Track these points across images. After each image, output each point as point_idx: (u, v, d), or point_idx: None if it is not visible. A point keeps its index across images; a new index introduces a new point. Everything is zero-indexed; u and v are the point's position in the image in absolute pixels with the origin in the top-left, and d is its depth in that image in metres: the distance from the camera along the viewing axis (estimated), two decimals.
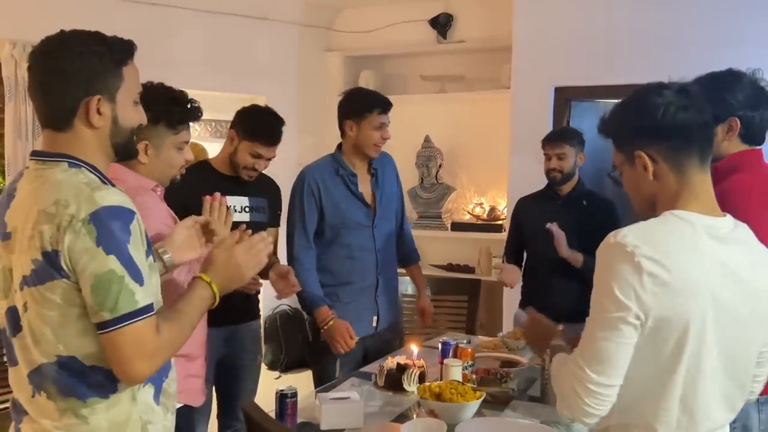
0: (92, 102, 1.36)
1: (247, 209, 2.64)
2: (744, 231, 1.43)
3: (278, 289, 2.51)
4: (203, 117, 2.51)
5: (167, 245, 1.71)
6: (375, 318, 2.81)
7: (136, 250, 1.33)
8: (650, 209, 1.46)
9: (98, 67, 1.36)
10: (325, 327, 2.63)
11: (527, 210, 3.30)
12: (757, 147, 1.91)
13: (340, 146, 2.84)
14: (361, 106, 2.70)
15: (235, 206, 1.96)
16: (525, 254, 3.30)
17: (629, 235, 1.32)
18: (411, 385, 2.25)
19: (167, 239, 1.73)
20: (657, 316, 1.28)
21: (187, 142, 1.98)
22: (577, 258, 2.99)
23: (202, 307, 1.48)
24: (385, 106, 2.72)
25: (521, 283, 3.22)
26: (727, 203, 1.47)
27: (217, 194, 1.88)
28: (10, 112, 3.81)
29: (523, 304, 3.25)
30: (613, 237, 1.33)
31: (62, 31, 1.39)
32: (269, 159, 2.61)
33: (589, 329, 1.34)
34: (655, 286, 1.27)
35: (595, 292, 1.34)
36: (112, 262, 1.29)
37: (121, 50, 1.41)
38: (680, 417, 1.35)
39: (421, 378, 2.28)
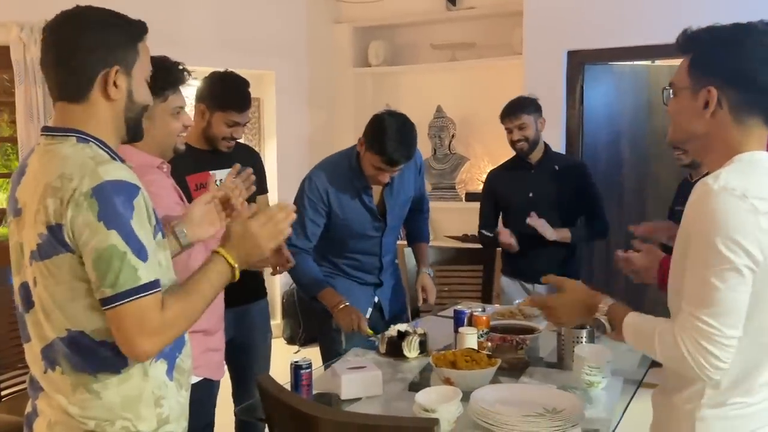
0: (111, 73, 1.37)
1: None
2: None
3: (272, 263, 2.49)
4: None
5: (184, 222, 1.69)
6: (370, 309, 2.78)
7: (140, 225, 1.31)
8: (687, 143, 1.39)
9: (118, 39, 1.38)
10: (337, 310, 2.53)
11: (500, 181, 3.33)
12: None
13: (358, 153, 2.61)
14: (378, 149, 2.48)
15: (223, 179, 1.93)
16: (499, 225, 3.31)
17: (730, 179, 1.24)
18: (411, 352, 2.26)
19: (185, 216, 1.71)
20: None
21: (181, 107, 1.94)
22: (564, 236, 3.06)
23: (220, 283, 1.45)
24: (394, 163, 2.50)
25: (501, 252, 3.31)
26: None
27: (237, 165, 1.89)
28: (21, 95, 3.82)
29: (506, 273, 3.34)
30: (713, 183, 1.24)
31: (79, 6, 1.40)
32: (245, 124, 2.58)
33: (705, 280, 1.24)
34: None
35: (701, 243, 1.25)
36: (114, 237, 1.28)
37: (138, 26, 1.43)
38: None
39: (422, 345, 2.28)
